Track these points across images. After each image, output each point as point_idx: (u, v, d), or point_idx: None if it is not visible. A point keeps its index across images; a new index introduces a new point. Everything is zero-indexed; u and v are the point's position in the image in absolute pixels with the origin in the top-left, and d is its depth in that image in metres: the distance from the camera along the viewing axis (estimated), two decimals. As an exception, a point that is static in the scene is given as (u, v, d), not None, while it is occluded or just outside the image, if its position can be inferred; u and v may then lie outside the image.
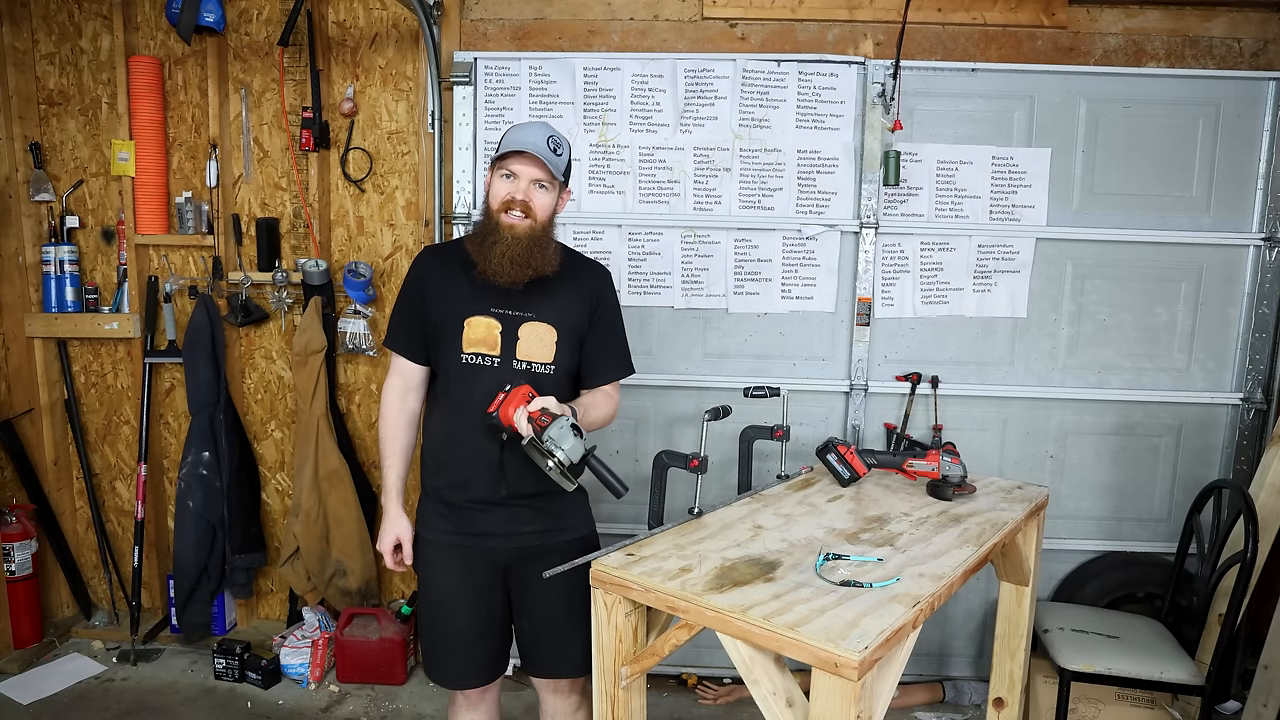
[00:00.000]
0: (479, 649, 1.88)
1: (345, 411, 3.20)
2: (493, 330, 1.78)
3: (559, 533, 1.84)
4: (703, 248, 2.88)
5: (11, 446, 3.14)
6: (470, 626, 1.86)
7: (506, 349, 1.78)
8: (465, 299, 1.79)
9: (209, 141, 3.06)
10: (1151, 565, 2.92)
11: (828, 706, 1.23)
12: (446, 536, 1.84)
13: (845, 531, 1.71)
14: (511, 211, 1.73)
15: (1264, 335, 2.84)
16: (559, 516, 1.85)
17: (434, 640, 1.90)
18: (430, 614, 1.89)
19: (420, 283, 1.85)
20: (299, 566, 3.08)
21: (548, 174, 1.75)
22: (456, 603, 1.85)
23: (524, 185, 1.74)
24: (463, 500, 1.81)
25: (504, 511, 1.81)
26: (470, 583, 1.84)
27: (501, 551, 1.82)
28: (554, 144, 1.76)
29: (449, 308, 1.80)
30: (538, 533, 1.82)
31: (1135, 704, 2.59)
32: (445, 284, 1.82)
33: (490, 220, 1.76)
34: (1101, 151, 2.81)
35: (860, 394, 2.89)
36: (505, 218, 1.73)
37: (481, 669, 1.90)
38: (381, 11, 3.02)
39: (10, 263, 3.12)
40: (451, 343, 1.79)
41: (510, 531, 1.81)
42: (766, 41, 2.93)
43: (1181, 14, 2.87)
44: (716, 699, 2.92)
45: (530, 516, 1.82)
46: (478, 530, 1.82)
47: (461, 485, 1.81)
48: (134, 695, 2.91)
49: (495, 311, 1.78)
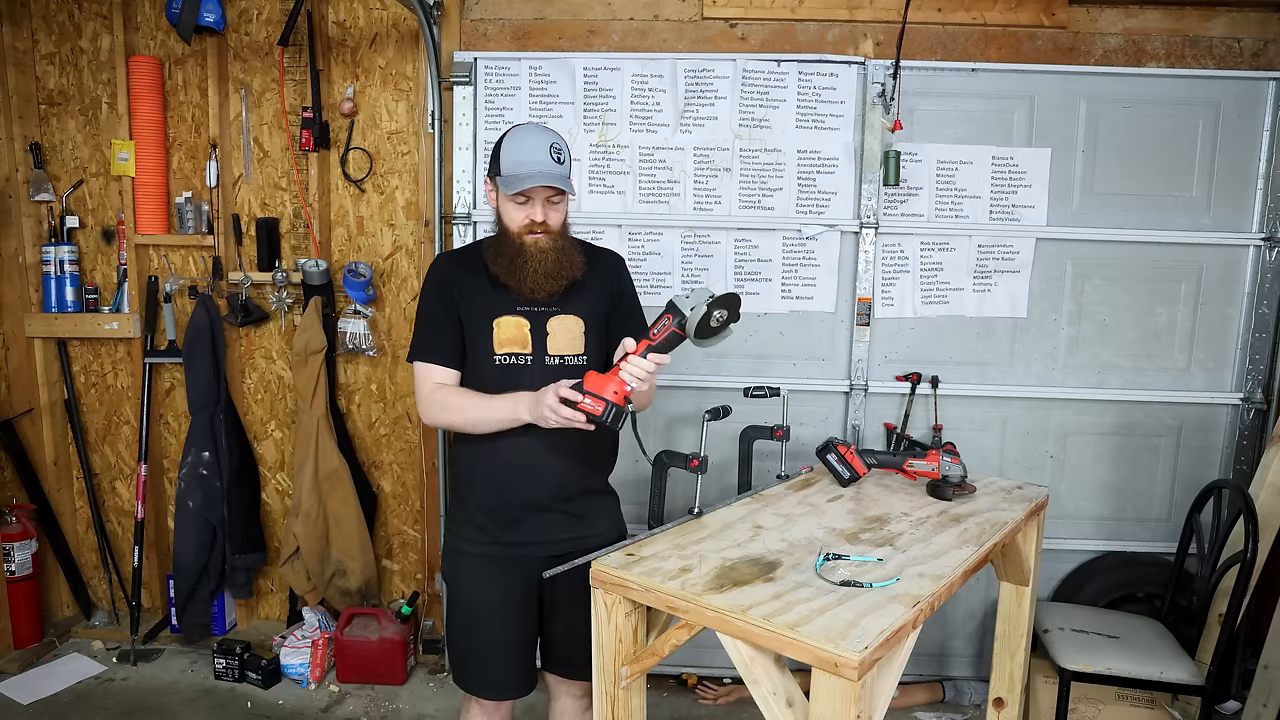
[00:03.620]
0: (514, 659, 1.86)
1: (345, 411, 3.20)
2: (522, 329, 1.78)
3: (593, 537, 1.82)
4: (703, 248, 2.88)
5: (11, 446, 3.14)
6: (506, 636, 1.84)
7: (538, 346, 1.78)
8: (490, 301, 1.78)
9: (209, 141, 3.06)
10: (1151, 565, 2.92)
11: (828, 706, 1.23)
12: (481, 547, 1.83)
13: (845, 531, 1.71)
14: (534, 232, 1.73)
15: (1264, 335, 2.84)
16: (593, 522, 1.85)
17: (469, 651, 1.88)
18: (464, 624, 1.87)
19: (444, 286, 1.82)
20: (299, 566, 3.08)
21: (559, 190, 1.75)
22: (492, 614, 1.84)
23: (539, 208, 1.73)
24: (501, 507, 1.80)
25: (541, 519, 1.80)
26: (506, 593, 1.83)
27: (537, 560, 1.80)
28: (556, 153, 1.73)
29: (476, 311, 1.79)
30: (573, 539, 1.81)
31: (1135, 704, 2.59)
32: (469, 288, 1.81)
33: (513, 242, 1.75)
34: (1101, 151, 2.81)
35: (860, 394, 2.89)
36: (530, 237, 1.74)
37: (517, 680, 1.88)
38: (381, 11, 3.02)
39: (10, 263, 3.12)
40: (483, 346, 1.78)
41: (546, 540, 1.80)
42: (766, 41, 2.93)
43: (1181, 14, 2.87)
44: (716, 699, 2.92)
45: (565, 523, 1.82)
46: (514, 540, 1.81)
47: (500, 491, 1.80)
48: (134, 695, 2.91)
49: (522, 310, 1.78)
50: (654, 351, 1.56)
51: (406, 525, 3.29)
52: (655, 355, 1.56)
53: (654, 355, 1.56)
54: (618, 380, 1.56)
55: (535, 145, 1.72)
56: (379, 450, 3.25)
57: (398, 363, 3.17)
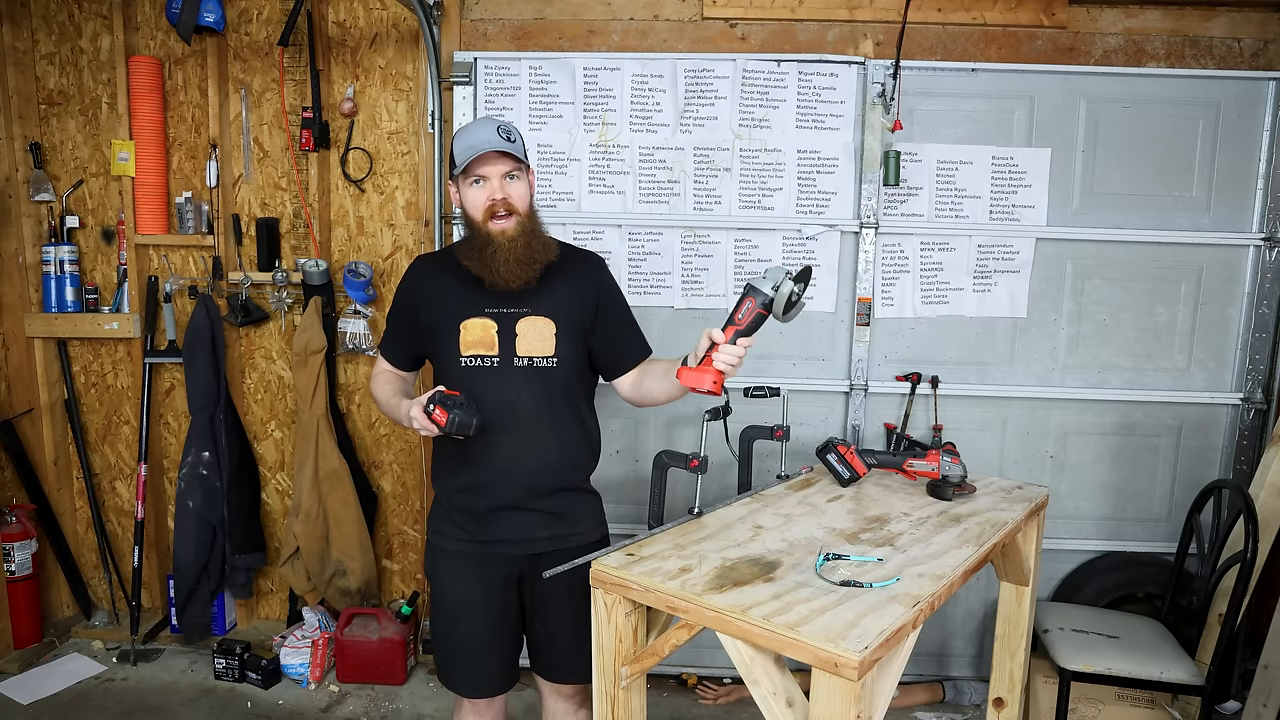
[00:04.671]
0: (493, 657, 1.87)
1: (345, 411, 3.20)
2: (489, 330, 1.78)
3: (572, 537, 1.83)
4: (703, 248, 2.88)
5: (11, 446, 3.14)
6: (485, 634, 1.85)
7: (505, 347, 1.78)
8: (459, 303, 1.79)
9: (209, 141, 3.06)
10: (1151, 565, 2.92)
11: (828, 706, 1.23)
12: (459, 544, 1.84)
13: (845, 531, 1.71)
14: (496, 216, 1.73)
15: (1264, 335, 2.84)
16: (573, 521, 1.85)
17: (449, 649, 1.89)
18: (445, 623, 1.88)
19: (410, 293, 1.87)
20: (299, 566, 3.08)
21: (514, 162, 1.74)
22: (471, 611, 1.84)
23: (497, 184, 1.74)
24: (480, 506, 1.80)
25: (519, 517, 1.80)
26: (484, 591, 1.83)
27: (516, 558, 1.81)
28: (505, 132, 1.74)
29: (444, 314, 1.80)
30: (552, 538, 1.81)
31: (1135, 704, 2.59)
32: (437, 291, 1.83)
33: (479, 232, 1.75)
34: (1101, 151, 2.81)
35: (860, 394, 2.89)
36: (494, 224, 1.74)
37: (496, 678, 1.89)
38: (381, 11, 3.02)
39: (10, 263, 3.12)
40: (449, 348, 1.79)
41: (525, 538, 1.81)
42: (766, 41, 2.93)
43: (1181, 14, 2.87)
44: (716, 699, 2.92)
45: (544, 522, 1.81)
46: (492, 537, 1.81)
47: (478, 490, 1.80)
48: (134, 695, 2.91)
49: (490, 311, 1.78)
50: (741, 336, 1.62)
51: (406, 525, 3.29)
52: (744, 340, 1.63)
53: (742, 340, 1.63)
54: (714, 370, 1.62)
55: (482, 129, 1.74)
56: (379, 450, 3.25)
57: (398, 363, 3.17)
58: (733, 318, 1.62)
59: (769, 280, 1.60)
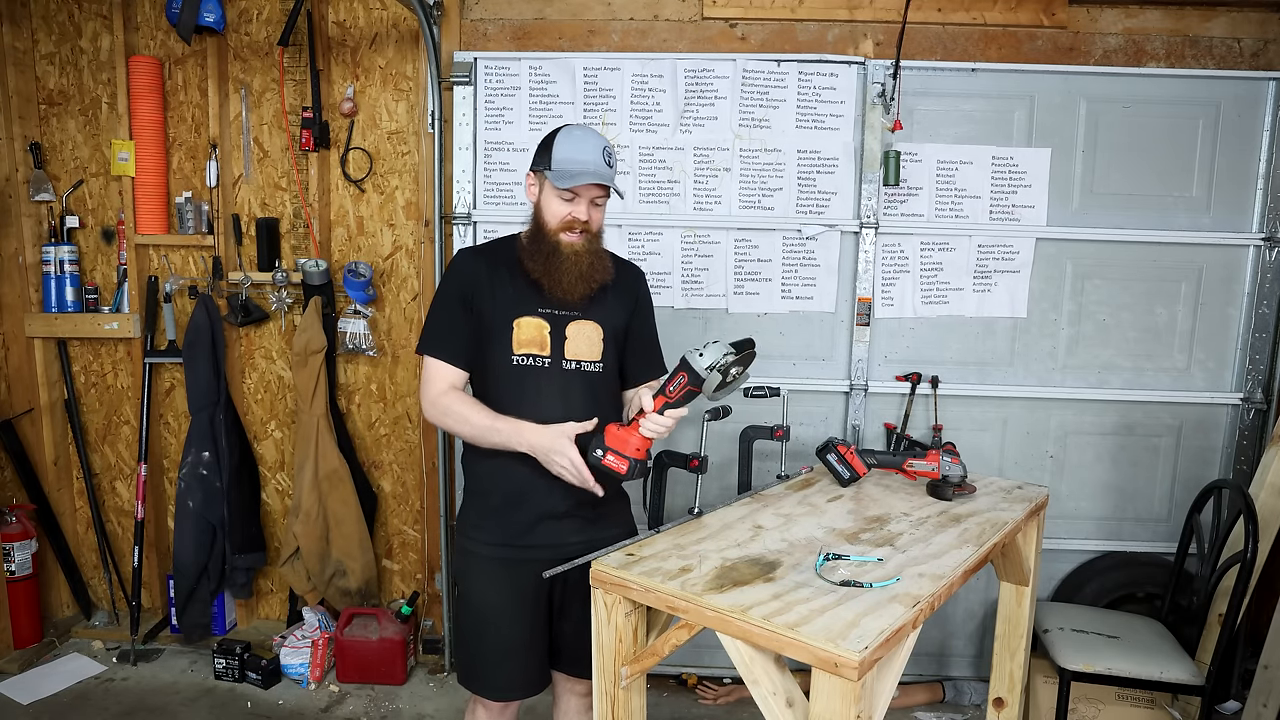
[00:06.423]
0: (526, 661, 1.86)
1: (345, 411, 3.20)
2: (542, 330, 1.77)
3: (602, 540, 1.79)
4: (703, 248, 2.88)
5: (11, 446, 3.14)
6: (516, 639, 1.83)
7: (556, 348, 1.78)
8: (512, 299, 1.78)
9: (209, 141, 3.06)
10: (1151, 565, 2.92)
11: (828, 706, 1.23)
12: (491, 549, 1.82)
13: (845, 531, 1.71)
14: (572, 231, 1.74)
15: (1264, 335, 2.84)
16: (604, 525, 1.84)
17: (478, 653, 1.86)
18: (474, 626, 1.85)
19: (465, 283, 1.80)
20: (299, 566, 3.08)
21: (606, 191, 1.76)
22: (502, 616, 1.82)
23: (584, 207, 1.75)
24: (524, 517, 1.79)
25: (556, 525, 1.79)
26: (516, 596, 1.82)
27: (547, 562, 1.78)
28: (609, 155, 1.75)
29: (497, 309, 1.78)
30: (583, 542, 1.79)
31: (1135, 704, 2.59)
32: (491, 285, 1.79)
33: (549, 239, 1.75)
34: (1101, 151, 2.81)
35: (860, 394, 2.89)
36: (566, 236, 1.74)
37: (525, 681, 1.88)
38: (381, 11, 3.02)
39: (10, 263, 3.12)
40: (501, 344, 1.77)
41: (558, 543, 1.79)
42: (766, 41, 2.93)
43: (1181, 14, 2.87)
44: (716, 699, 2.92)
45: (578, 528, 1.81)
46: (526, 543, 1.80)
47: (518, 503, 1.79)
48: (134, 695, 2.91)
49: (543, 311, 1.78)
50: (671, 408, 1.63)
51: (406, 525, 3.29)
52: (672, 411, 1.63)
53: (671, 411, 1.63)
54: (638, 436, 1.64)
55: (590, 145, 1.74)
56: (379, 450, 3.25)
57: (398, 363, 3.17)
58: (665, 388, 1.63)
59: (706, 357, 1.59)
